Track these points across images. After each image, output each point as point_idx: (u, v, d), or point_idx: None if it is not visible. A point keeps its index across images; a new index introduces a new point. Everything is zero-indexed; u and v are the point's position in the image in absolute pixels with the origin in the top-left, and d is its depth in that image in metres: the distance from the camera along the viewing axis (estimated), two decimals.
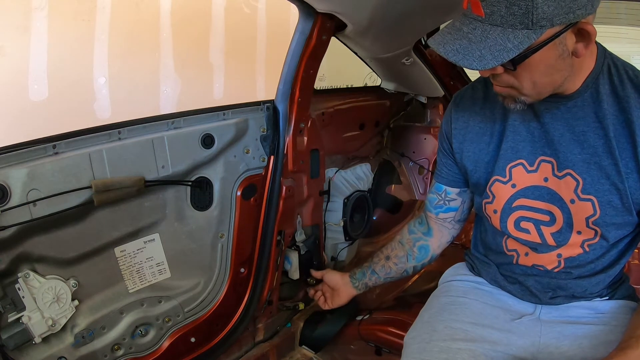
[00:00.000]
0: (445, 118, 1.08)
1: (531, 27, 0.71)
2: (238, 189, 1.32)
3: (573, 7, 0.70)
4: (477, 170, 1.02)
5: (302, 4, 1.22)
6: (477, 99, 1.02)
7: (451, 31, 0.77)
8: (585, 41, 0.75)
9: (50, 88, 2.30)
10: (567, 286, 0.99)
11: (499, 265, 1.08)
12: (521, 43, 0.72)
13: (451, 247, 1.18)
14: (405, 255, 1.25)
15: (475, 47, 0.73)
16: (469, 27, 0.75)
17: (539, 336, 0.99)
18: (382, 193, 2.12)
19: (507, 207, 0.98)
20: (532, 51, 0.74)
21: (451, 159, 1.09)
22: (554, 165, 0.91)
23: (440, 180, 1.15)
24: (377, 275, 1.31)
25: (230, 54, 3.00)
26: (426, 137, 2.08)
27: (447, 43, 0.76)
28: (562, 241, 0.95)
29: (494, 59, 0.73)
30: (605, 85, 0.85)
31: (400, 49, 1.61)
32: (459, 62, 0.74)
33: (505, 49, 0.72)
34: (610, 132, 0.85)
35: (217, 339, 1.37)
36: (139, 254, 1.16)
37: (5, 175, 0.89)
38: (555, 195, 0.93)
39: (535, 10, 0.69)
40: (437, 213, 1.19)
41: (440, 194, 1.16)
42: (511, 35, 0.72)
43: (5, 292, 0.94)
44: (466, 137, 1.03)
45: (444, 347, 0.95)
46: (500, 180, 0.98)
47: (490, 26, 0.73)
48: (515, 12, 0.70)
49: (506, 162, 0.96)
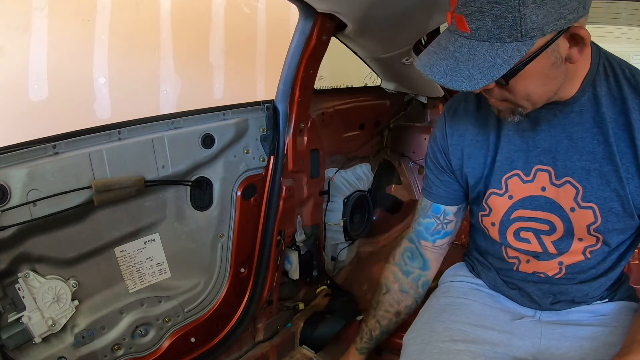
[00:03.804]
0: (439, 132, 1.02)
1: (521, 39, 0.66)
2: (238, 189, 1.32)
3: (563, 13, 0.66)
4: (478, 184, 0.98)
5: (302, 4, 1.22)
6: (470, 110, 0.97)
7: (437, 50, 0.73)
8: (579, 46, 0.71)
9: (50, 88, 2.29)
10: (568, 291, 0.97)
11: (499, 270, 1.06)
12: (511, 57, 0.67)
13: (451, 247, 1.16)
14: (414, 300, 1.16)
15: (463, 67, 0.69)
16: (454, 45, 0.71)
17: (540, 337, 0.98)
18: (382, 193, 2.12)
19: (505, 219, 0.96)
20: (523, 64, 0.70)
21: (449, 175, 1.03)
22: (552, 173, 0.88)
23: (436, 199, 1.07)
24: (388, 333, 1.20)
25: (230, 54, 3.00)
26: (426, 137, 2.08)
27: (434, 64, 0.72)
28: (564, 249, 0.93)
29: (484, 78, 0.68)
30: (602, 88, 0.82)
31: (400, 49, 1.61)
32: (447, 84, 0.70)
33: (494, 66, 0.67)
34: (610, 136, 0.82)
35: (217, 339, 1.37)
36: (139, 254, 1.16)
37: (5, 175, 0.89)
38: (554, 204, 0.90)
39: (523, 22, 0.65)
40: (435, 240, 1.10)
41: (438, 217, 1.08)
42: (500, 50, 0.67)
43: (5, 292, 0.94)
44: (464, 151, 0.98)
45: (444, 348, 0.94)
46: (497, 193, 0.95)
47: (477, 42, 0.69)
48: (502, 25, 0.66)
49: (502, 173, 0.93)
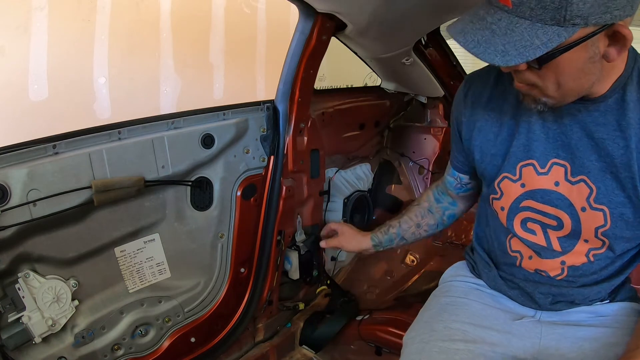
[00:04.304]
0: (456, 101, 1.03)
1: (563, 24, 0.64)
2: (238, 189, 1.32)
3: (611, 7, 0.63)
4: (483, 161, 0.97)
5: (302, 4, 1.22)
6: (488, 84, 0.95)
7: (473, 19, 0.70)
8: (618, 45, 0.69)
9: (50, 88, 2.30)
10: (569, 293, 0.97)
11: (500, 266, 1.05)
12: (550, 41, 0.65)
13: (451, 247, 1.17)
14: (436, 223, 1.25)
15: (498, 40, 0.67)
16: (493, 17, 0.68)
17: (539, 338, 0.98)
18: (382, 193, 2.12)
19: (514, 205, 0.95)
20: (560, 51, 0.67)
21: (461, 145, 1.04)
22: (568, 169, 0.86)
23: (454, 166, 1.13)
24: (406, 241, 1.29)
25: (230, 54, 3.00)
26: (426, 137, 2.08)
27: (468, 32, 0.69)
28: (568, 247, 0.92)
29: (519, 56, 0.66)
30: (633, 93, 0.79)
31: (400, 49, 1.61)
32: (479, 55, 0.68)
33: (531, 46, 0.65)
34: (632, 142, 0.79)
35: (217, 339, 1.38)
36: (139, 254, 1.16)
37: (5, 175, 0.89)
38: (565, 201, 0.88)
39: (569, 6, 0.62)
40: (458, 192, 1.18)
41: (455, 179, 1.15)
42: (540, 30, 0.65)
43: (5, 292, 0.94)
44: (475, 124, 0.97)
45: (443, 348, 0.94)
46: (510, 178, 0.93)
47: (517, 18, 0.66)
48: (548, 5, 0.63)
49: (517, 160, 0.91)
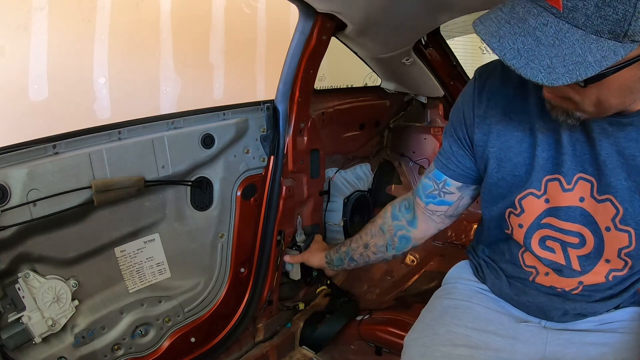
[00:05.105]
0: (466, 98, 0.89)
1: (620, 40, 0.53)
2: (238, 189, 1.32)
3: None
4: (500, 170, 0.86)
5: (302, 4, 1.22)
6: (509, 81, 0.82)
7: (510, 19, 0.57)
8: None
9: (50, 88, 2.29)
10: (581, 307, 0.93)
11: (511, 277, 0.98)
12: (605, 58, 0.54)
13: (451, 247, 1.15)
14: (385, 245, 1.15)
15: (544, 52, 0.55)
16: (537, 21, 0.56)
17: (545, 344, 0.95)
18: (382, 193, 2.12)
19: (535, 223, 0.86)
20: (614, 70, 0.56)
21: (466, 150, 0.92)
22: (594, 186, 0.78)
23: (442, 169, 0.97)
24: (356, 262, 1.27)
25: (230, 54, 3.00)
26: (426, 137, 2.08)
27: (505, 37, 0.56)
28: (588, 267, 0.85)
29: (567, 74, 0.54)
30: None
31: (400, 49, 1.61)
32: (520, 69, 0.55)
33: (583, 63, 0.54)
34: None
35: (217, 339, 1.37)
36: (139, 254, 1.16)
37: (5, 175, 0.89)
38: (589, 218, 0.81)
39: (634, 20, 0.52)
40: (427, 203, 1.02)
41: (437, 183, 0.99)
42: (594, 45, 0.54)
43: (5, 292, 0.94)
44: (493, 127, 0.84)
45: (445, 353, 0.91)
46: (535, 194, 0.83)
47: (568, 25, 0.54)
48: (608, 15, 0.52)
49: (544, 173, 0.81)
